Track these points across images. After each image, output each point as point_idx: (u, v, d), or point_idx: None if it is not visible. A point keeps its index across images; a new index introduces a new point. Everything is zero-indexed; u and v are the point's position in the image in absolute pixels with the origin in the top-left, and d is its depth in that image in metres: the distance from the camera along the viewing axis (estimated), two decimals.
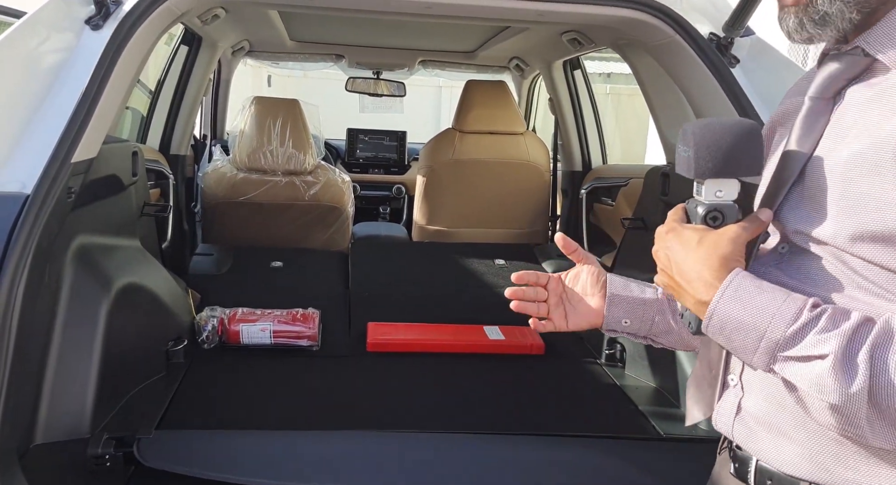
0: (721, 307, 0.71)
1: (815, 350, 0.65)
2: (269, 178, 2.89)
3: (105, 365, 1.55)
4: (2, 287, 1.07)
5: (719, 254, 0.73)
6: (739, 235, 0.74)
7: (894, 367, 0.62)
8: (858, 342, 0.64)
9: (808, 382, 0.66)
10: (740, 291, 0.71)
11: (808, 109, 0.76)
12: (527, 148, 3.09)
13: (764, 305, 0.69)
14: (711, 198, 0.77)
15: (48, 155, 1.22)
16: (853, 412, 0.64)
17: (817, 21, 0.73)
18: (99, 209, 1.68)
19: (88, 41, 1.43)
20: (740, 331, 0.70)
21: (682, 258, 0.76)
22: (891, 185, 0.64)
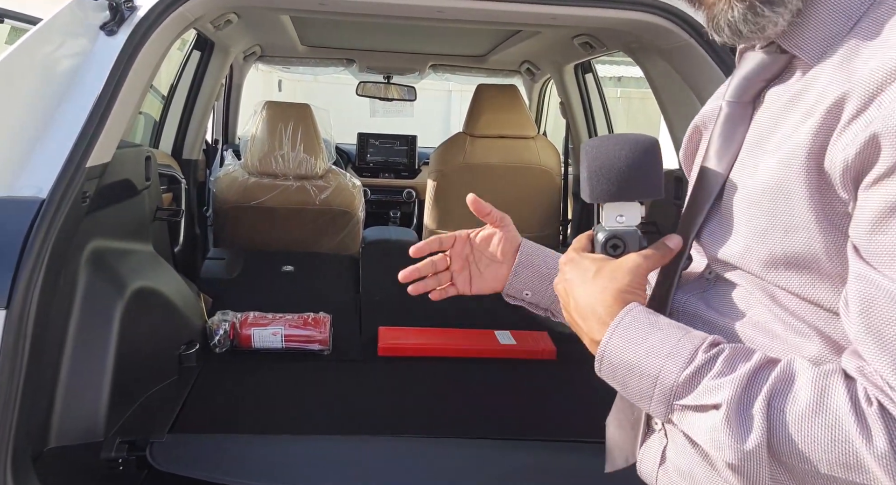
0: (611, 348, 0.63)
1: (709, 399, 0.58)
2: (281, 182, 2.90)
3: (118, 368, 1.55)
4: (17, 291, 1.07)
5: (614, 287, 0.66)
6: (639, 264, 0.67)
7: (793, 419, 0.54)
8: (755, 390, 0.56)
9: (704, 437, 0.58)
10: (631, 330, 0.63)
11: (726, 116, 0.68)
12: (538, 152, 3.08)
13: (657, 345, 0.61)
14: (612, 224, 0.71)
15: (63, 160, 1.23)
16: (754, 472, 0.56)
17: (763, 6, 0.61)
18: (113, 213, 1.69)
19: (103, 46, 1.44)
20: (633, 375, 0.62)
21: (578, 292, 0.69)
22: (799, 204, 0.57)
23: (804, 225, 0.57)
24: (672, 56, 1.84)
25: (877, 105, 0.53)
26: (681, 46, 1.71)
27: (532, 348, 2.18)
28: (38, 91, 1.32)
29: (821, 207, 0.57)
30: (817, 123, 0.57)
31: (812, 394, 0.54)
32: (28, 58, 1.34)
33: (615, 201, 0.70)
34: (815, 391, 0.54)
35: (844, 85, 0.56)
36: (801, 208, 0.57)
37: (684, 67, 1.80)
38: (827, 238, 0.57)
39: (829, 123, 0.56)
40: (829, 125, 0.56)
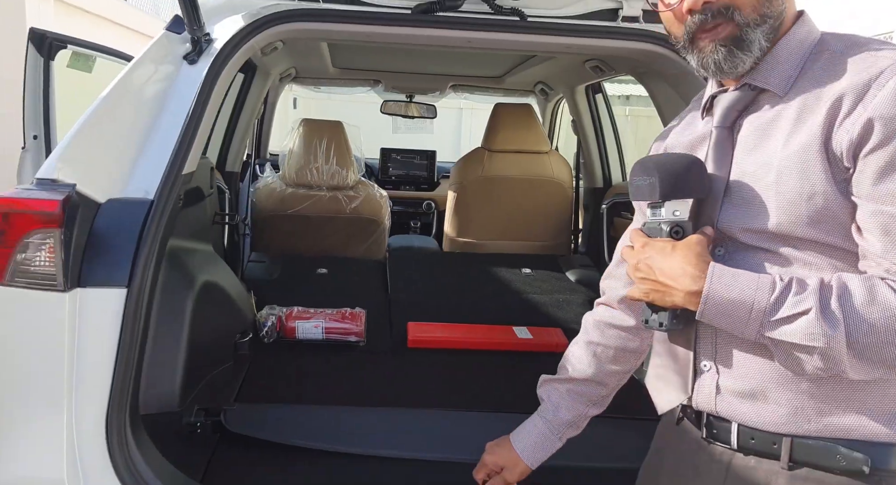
0: (713, 290, 0.86)
1: (798, 308, 0.82)
2: (315, 192, 3.15)
3: (189, 351, 1.79)
4: (136, 274, 1.32)
5: (695, 252, 0.90)
6: (702, 240, 0.92)
7: (860, 310, 0.80)
8: (827, 296, 0.81)
9: (799, 334, 0.82)
10: (724, 277, 0.87)
11: (717, 138, 0.97)
12: (551, 166, 3.32)
13: (745, 283, 0.85)
14: (671, 216, 0.94)
15: (164, 168, 1.48)
16: (838, 351, 0.80)
17: (743, 47, 0.91)
18: (186, 216, 1.94)
19: (187, 73, 1.69)
20: (732, 307, 0.85)
21: (663, 263, 0.91)
22: (816, 179, 0.85)
23: (822, 191, 0.85)
24: (674, 81, 2.08)
25: (863, 103, 0.82)
26: (680, 73, 1.96)
27: (547, 342, 2.41)
28: (138, 112, 1.58)
29: (831, 177, 0.85)
30: (819, 123, 0.85)
31: (864, 291, 0.81)
32: (129, 84, 1.60)
33: (675, 199, 0.94)
34: (867, 289, 0.81)
35: (829, 96, 0.85)
36: (818, 180, 0.85)
37: (685, 91, 2.04)
38: (836, 197, 0.85)
39: (830, 120, 0.84)
40: (830, 121, 0.84)
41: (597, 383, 1.22)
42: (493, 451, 1.27)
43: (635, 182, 0.98)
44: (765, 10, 0.91)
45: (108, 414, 1.27)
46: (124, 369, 1.29)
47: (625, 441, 1.68)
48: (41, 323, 1.27)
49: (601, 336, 1.21)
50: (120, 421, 1.28)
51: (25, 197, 1.26)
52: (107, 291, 1.30)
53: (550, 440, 1.23)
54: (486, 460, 1.28)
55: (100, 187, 1.39)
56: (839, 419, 0.88)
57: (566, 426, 1.23)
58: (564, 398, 1.23)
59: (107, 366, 1.28)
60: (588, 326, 1.24)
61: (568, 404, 1.23)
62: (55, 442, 1.25)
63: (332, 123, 3.19)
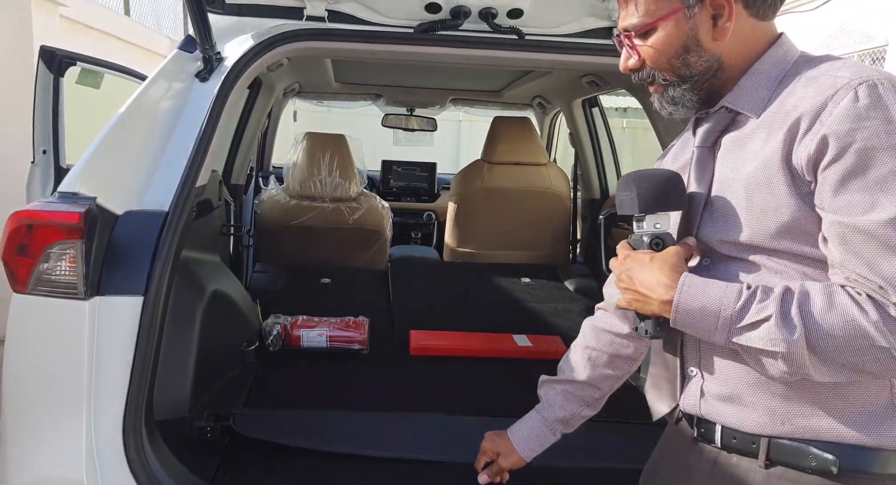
0: (683, 299, 0.93)
1: (760, 315, 0.87)
2: (318, 204, 3.21)
3: (199, 358, 1.85)
4: (152, 282, 1.38)
5: (669, 264, 0.96)
6: (679, 251, 0.98)
7: (818, 316, 0.85)
8: (788, 303, 0.87)
9: (761, 340, 0.87)
10: (693, 286, 0.93)
11: (697, 157, 1.04)
12: (549, 178, 3.38)
13: (713, 292, 0.91)
14: (652, 229, 1.00)
15: (178, 181, 1.55)
16: (799, 355, 0.85)
17: (671, 102, 1.03)
18: (197, 227, 2.00)
19: (199, 90, 1.76)
20: (702, 315, 0.91)
21: (641, 274, 0.98)
22: (781, 193, 0.91)
23: (787, 204, 0.90)
24: None
25: (820, 121, 0.88)
26: None
27: (546, 349, 2.46)
28: (154, 127, 1.65)
29: (795, 190, 0.90)
30: (781, 139, 0.90)
31: (824, 298, 0.86)
32: (145, 101, 1.67)
33: (655, 212, 1.01)
34: (826, 296, 0.86)
35: (792, 115, 0.90)
36: (783, 193, 0.90)
37: None
38: (801, 208, 0.90)
39: (790, 138, 0.90)
40: (790, 139, 0.90)
41: (591, 386, 1.28)
42: (491, 439, 1.37)
43: (619, 196, 1.05)
44: (682, 72, 1.01)
45: (125, 417, 1.33)
46: (140, 374, 1.35)
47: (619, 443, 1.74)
48: (62, 330, 1.33)
49: (597, 341, 1.28)
50: (136, 424, 1.33)
51: (49, 209, 1.32)
52: (124, 299, 1.36)
53: (545, 434, 1.31)
54: (485, 446, 1.37)
55: (118, 200, 1.45)
56: (810, 422, 0.94)
57: (560, 423, 1.30)
58: (560, 398, 1.30)
59: (124, 371, 1.34)
60: (586, 330, 1.31)
61: (562, 403, 1.29)
62: (75, 443, 1.31)
63: (336, 137, 3.26)
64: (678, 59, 1.00)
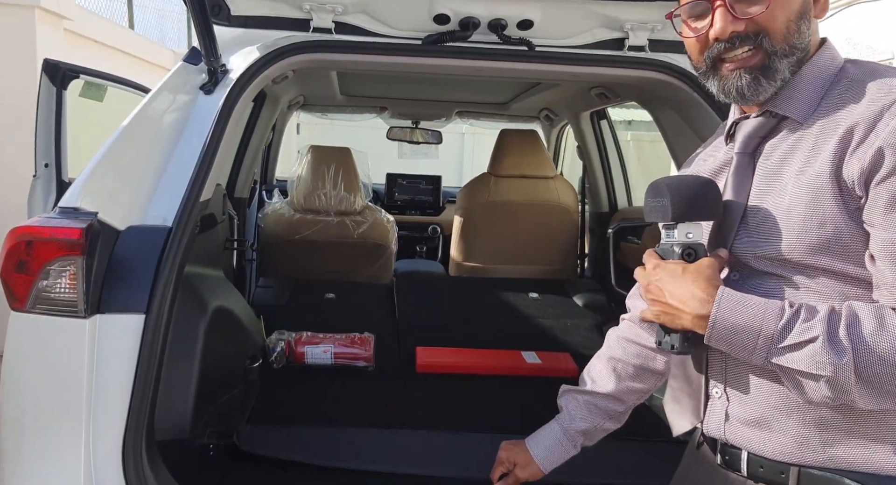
0: (721, 315, 0.87)
1: (805, 336, 0.82)
2: (323, 218, 3.17)
3: (201, 376, 1.80)
4: (154, 300, 1.34)
5: (704, 276, 0.90)
6: (713, 263, 0.92)
7: (868, 339, 0.80)
8: (835, 324, 0.82)
9: (806, 362, 0.82)
10: (731, 301, 0.87)
11: (737, 163, 0.98)
12: (556, 191, 3.34)
13: (754, 309, 0.86)
14: (683, 238, 0.95)
15: (181, 195, 1.51)
16: (845, 379, 0.80)
17: (768, 76, 0.93)
18: (201, 242, 1.96)
19: (203, 103, 1.73)
20: (741, 333, 0.85)
21: (672, 286, 0.91)
22: (827, 207, 0.86)
23: (832, 219, 0.86)
24: (680, 107, 2.12)
25: (876, 131, 0.83)
26: (687, 100, 1.99)
27: (555, 366, 2.41)
28: (157, 141, 1.61)
29: (842, 204, 0.85)
30: (831, 150, 0.86)
31: (874, 320, 0.81)
32: (149, 115, 1.64)
33: (688, 222, 0.95)
34: (876, 318, 0.81)
35: (843, 125, 0.86)
36: (830, 208, 0.85)
37: (691, 118, 2.08)
38: (847, 225, 0.85)
39: (842, 149, 0.85)
40: (842, 150, 0.85)
41: (615, 399, 1.23)
42: (509, 448, 1.31)
43: (649, 203, 0.99)
44: (794, 40, 0.93)
45: (125, 438, 1.28)
46: (142, 395, 1.30)
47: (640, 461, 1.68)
48: (62, 349, 1.28)
49: (623, 352, 1.22)
50: (136, 445, 1.29)
51: (49, 225, 1.28)
52: (126, 317, 1.32)
53: (565, 446, 1.26)
54: (501, 455, 1.31)
55: (120, 215, 1.41)
56: (845, 451, 0.88)
57: (581, 435, 1.25)
58: (581, 409, 1.25)
59: (125, 391, 1.29)
60: (611, 341, 1.26)
61: (584, 415, 1.24)
62: (73, 465, 1.26)
63: (340, 150, 3.23)
64: (795, 23, 0.92)
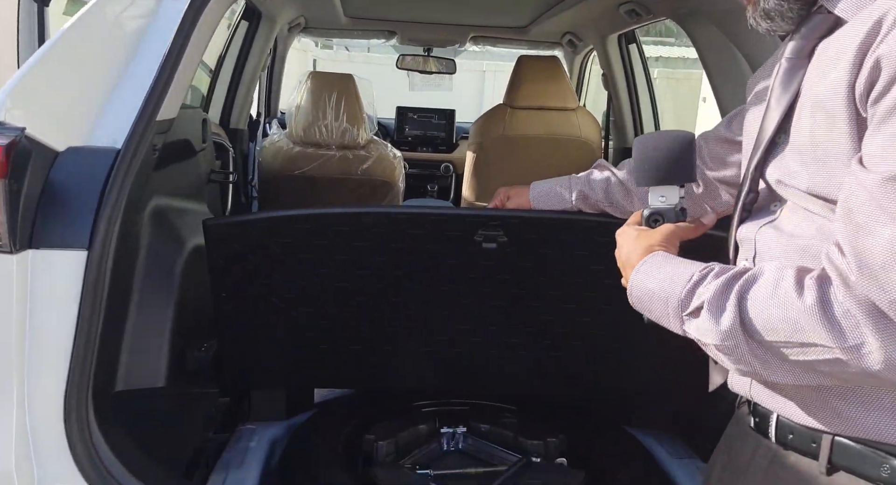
0: (636, 279, 0.83)
1: (697, 302, 0.74)
2: (324, 152, 2.95)
3: (178, 321, 1.63)
4: (98, 234, 1.13)
5: (647, 243, 0.86)
6: (671, 230, 0.88)
7: (756, 302, 0.69)
8: (730, 288, 0.72)
9: (696, 331, 0.75)
10: (650, 266, 0.83)
11: (784, 70, 0.80)
12: (578, 124, 3.07)
13: (665, 275, 0.80)
14: (655, 203, 0.91)
15: (136, 113, 1.29)
16: (735, 348, 0.71)
17: (763, 17, 0.80)
18: (173, 172, 1.75)
19: (168, 8, 1.48)
20: (652, 300, 0.81)
21: (623, 252, 0.90)
22: (840, 129, 0.68)
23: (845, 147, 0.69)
24: (724, 20, 1.83)
25: (883, 39, 0.65)
26: (734, 9, 1.70)
27: None
28: (108, 49, 1.37)
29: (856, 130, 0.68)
30: (853, 52, 0.69)
31: (770, 282, 0.70)
32: (99, 17, 1.39)
33: (658, 185, 0.90)
34: (773, 280, 0.70)
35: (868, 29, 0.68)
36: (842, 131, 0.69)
37: (737, 32, 1.79)
38: None
39: (862, 52, 0.68)
40: (861, 53, 0.68)
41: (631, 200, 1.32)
42: (510, 187, 1.47)
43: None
44: None
45: (67, 395, 1.10)
46: (85, 343, 1.12)
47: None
48: None
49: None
50: (81, 403, 1.11)
51: None
52: (64, 253, 1.12)
53: (561, 193, 1.39)
54: (500, 190, 1.48)
55: (58, 133, 1.20)
56: (884, 421, 0.73)
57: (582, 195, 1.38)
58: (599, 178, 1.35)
59: (64, 340, 1.11)
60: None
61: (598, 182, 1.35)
62: (3, 429, 1.08)
63: (343, 77, 2.97)
64: None
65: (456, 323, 1.55)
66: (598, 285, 1.49)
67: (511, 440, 1.62)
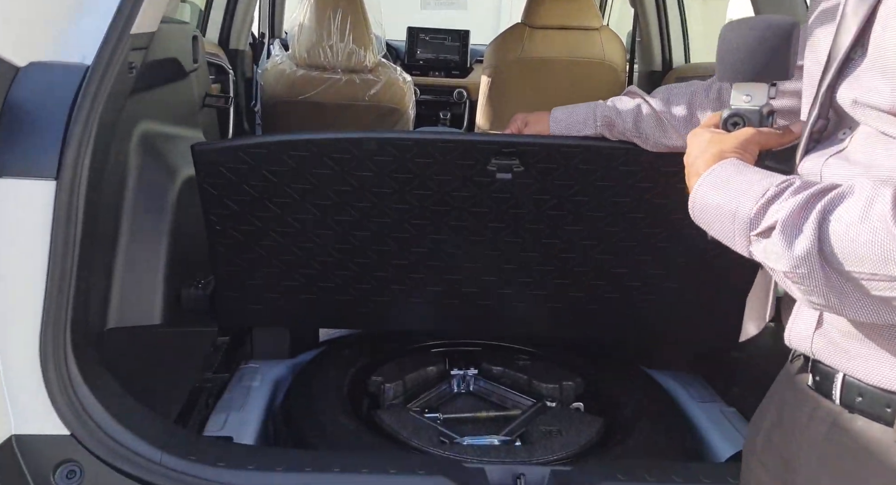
0: (700, 191, 0.73)
1: (770, 221, 0.64)
2: (329, 75, 2.78)
3: (173, 255, 1.54)
4: (66, 161, 1.02)
5: (718, 148, 0.75)
6: (750, 135, 0.76)
7: (842, 226, 0.59)
8: (811, 207, 0.62)
9: (763, 254, 0.65)
10: (719, 175, 0.72)
11: None
12: (602, 45, 2.86)
13: (738, 187, 0.69)
14: (738, 103, 0.78)
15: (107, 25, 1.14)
16: (808, 277, 0.62)
17: None
18: (161, 95, 1.62)
19: None
20: (717, 215, 0.70)
21: (691, 156, 0.78)
22: None
23: None
24: None
25: None
26: None
27: None
28: None
29: None
30: None
31: (861, 202, 0.60)
32: None
33: (744, 81, 0.77)
34: (865, 200, 0.59)
35: None
36: None
37: None
38: None
39: None
40: None
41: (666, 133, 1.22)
42: (529, 113, 1.37)
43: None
44: None
45: (43, 337, 1.02)
46: (60, 281, 1.03)
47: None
48: None
49: None
50: (58, 344, 1.03)
51: None
52: (29, 183, 1.01)
53: (585, 120, 1.29)
54: (517, 116, 1.38)
55: (18, 47, 1.07)
56: None
57: (607, 122, 1.27)
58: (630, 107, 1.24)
59: (36, 278, 1.01)
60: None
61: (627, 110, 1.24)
62: None
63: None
64: None
65: (467, 260, 1.45)
66: (621, 220, 1.37)
67: (524, 384, 1.55)
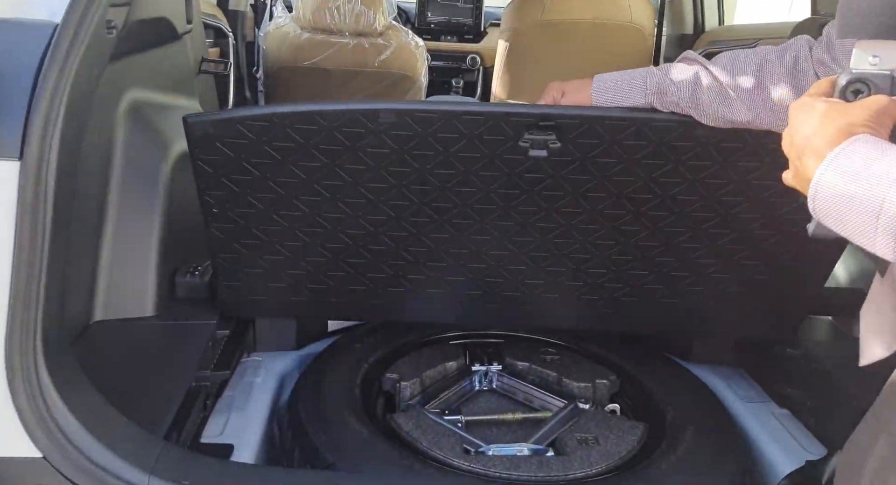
0: (826, 177, 0.58)
1: None
2: (336, 39, 2.61)
3: (166, 237, 1.40)
4: (31, 138, 0.87)
5: (843, 121, 0.60)
6: (882, 104, 0.61)
7: None
8: None
9: None
10: (853, 157, 0.57)
11: None
12: (629, 6, 2.67)
13: (883, 171, 0.54)
14: (862, 65, 0.63)
15: None
16: None
17: None
18: (150, 60, 1.46)
19: None
20: (851, 207, 0.56)
21: (802, 133, 0.63)
22: None
23: None
24: None
25: None
26: None
27: None
28: None
29: None
30: None
31: None
32: None
33: (870, 39, 0.63)
34: None
35: None
36: None
37: None
38: None
39: None
40: None
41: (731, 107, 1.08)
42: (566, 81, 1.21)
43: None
44: None
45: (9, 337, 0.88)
46: (27, 273, 0.88)
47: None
48: None
49: None
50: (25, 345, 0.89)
51: None
52: None
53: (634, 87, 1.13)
54: (552, 84, 1.22)
55: None
56: None
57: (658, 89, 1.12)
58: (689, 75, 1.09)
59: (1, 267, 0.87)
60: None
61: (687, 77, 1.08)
62: None
63: None
64: None
65: (493, 248, 1.30)
66: (670, 203, 1.22)
67: (553, 381, 1.41)
